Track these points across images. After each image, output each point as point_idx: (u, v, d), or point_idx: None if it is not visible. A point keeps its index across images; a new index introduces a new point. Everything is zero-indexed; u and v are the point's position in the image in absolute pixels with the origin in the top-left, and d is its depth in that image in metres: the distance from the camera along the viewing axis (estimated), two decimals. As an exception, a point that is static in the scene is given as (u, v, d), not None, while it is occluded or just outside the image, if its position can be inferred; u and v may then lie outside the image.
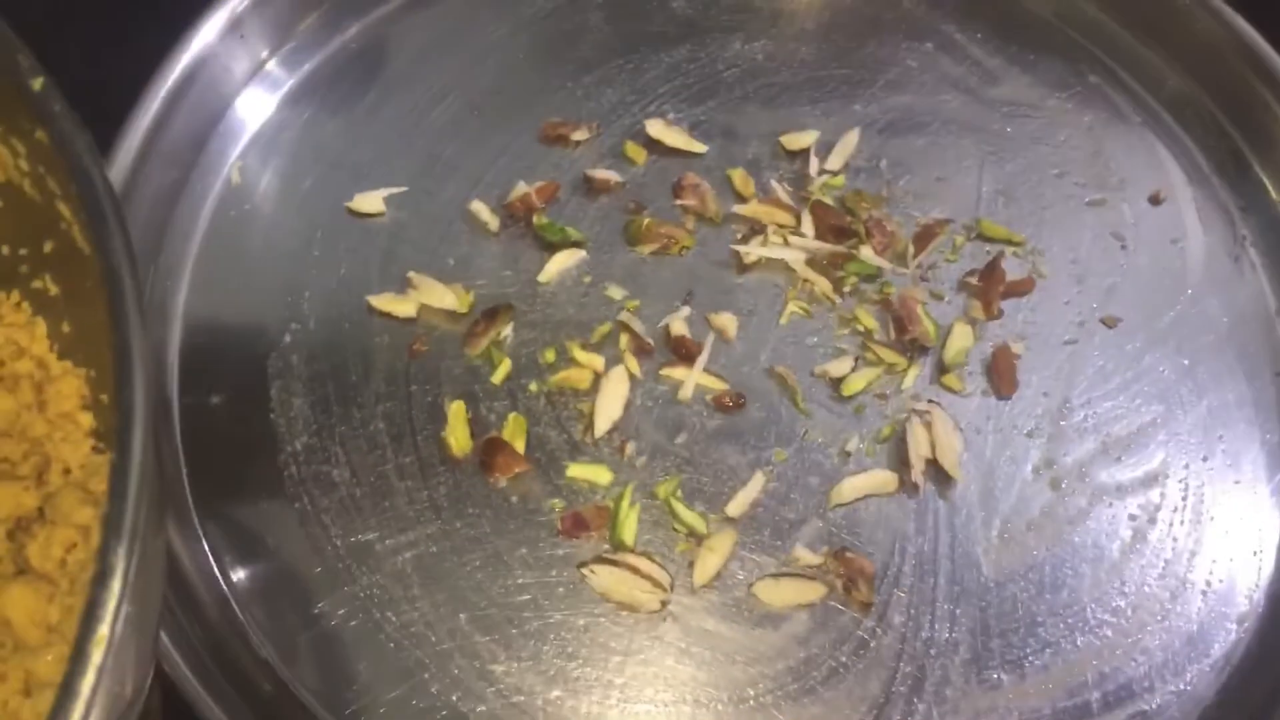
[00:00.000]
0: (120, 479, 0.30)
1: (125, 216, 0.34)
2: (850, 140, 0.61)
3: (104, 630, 0.31)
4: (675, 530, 0.51)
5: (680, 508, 0.52)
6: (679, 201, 0.59)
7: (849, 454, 0.53)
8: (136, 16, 0.60)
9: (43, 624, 0.41)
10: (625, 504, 0.51)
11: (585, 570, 0.50)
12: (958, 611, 0.50)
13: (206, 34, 0.58)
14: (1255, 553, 0.52)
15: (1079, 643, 0.50)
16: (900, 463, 0.53)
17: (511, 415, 0.53)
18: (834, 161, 0.60)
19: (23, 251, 0.43)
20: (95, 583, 0.31)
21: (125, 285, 0.32)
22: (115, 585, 0.30)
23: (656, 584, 0.50)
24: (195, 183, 0.58)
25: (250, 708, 0.46)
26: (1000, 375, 0.55)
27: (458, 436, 0.53)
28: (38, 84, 0.34)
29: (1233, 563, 0.52)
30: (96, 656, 0.30)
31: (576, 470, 0.52)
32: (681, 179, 0.59)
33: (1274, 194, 0.60)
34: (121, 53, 0.57)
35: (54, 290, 0.43)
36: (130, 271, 0.33)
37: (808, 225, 0.58)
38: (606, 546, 0.51)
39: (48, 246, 0.41)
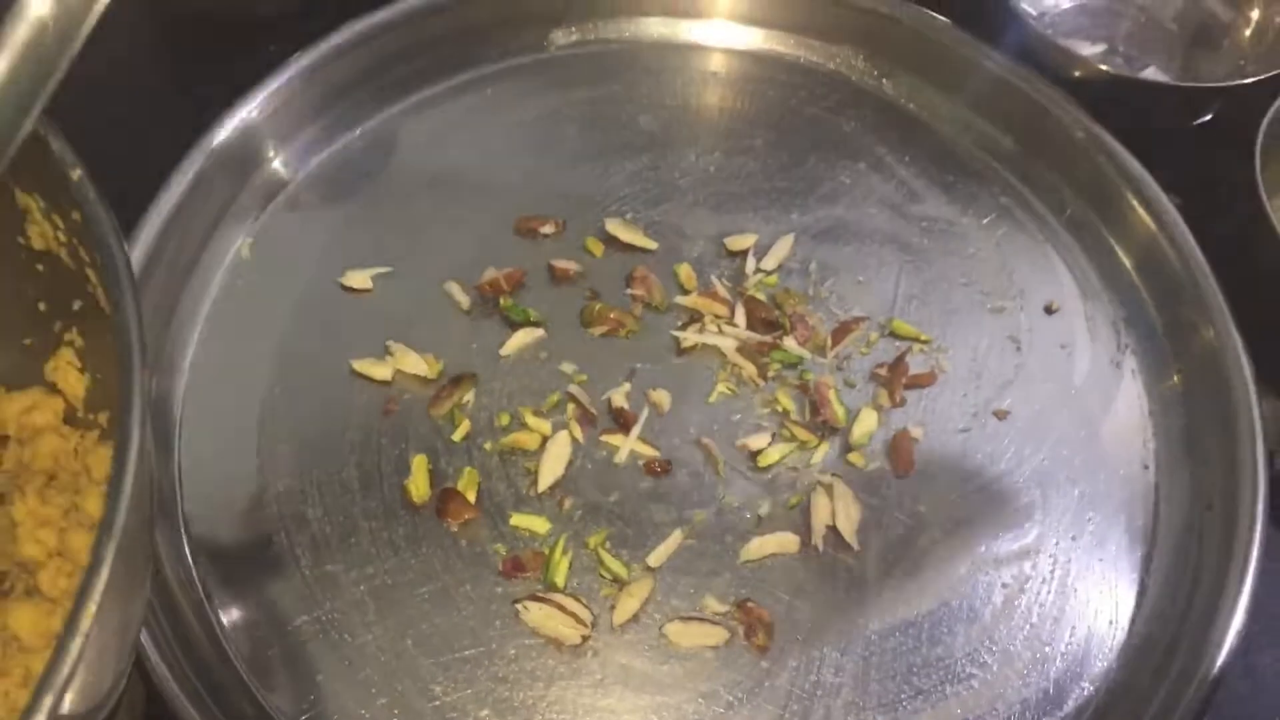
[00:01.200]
0: (117, 482, 0.38)
1: (138, 285, 0.42)
2: (785, 244, 0.69)
3: (92, 606, 0.38)
4: (601, 576, 0.59)
5: (607, 556, 0.59)
6: (629, 291, 0.67)
7: (760, 517, 0.61)
8: (170, 111, 0.70)
9: (46, 634, 0.48)
10: (559, 551, 0.59)
11: (519, 606, 0.57)
12: (843, 659, 0.57)
13: (224, 132, 0.67)
14: (1111, 622, 0.59)
15: (948, 692, 0.57)
16: (804, 527, 0.60)
17: (467, 469, 0.61)
18: (769, 262, 0.69)
19: (57, 308, 0.51)
20: (88, 571, 0.38)
21: (132, 337, 0.40)
22: (104, 573, 0.37)
23: (580, 621, 0.57)
24: (209, 255, 0.67)
25: (220, 709, 0.53)
26: (899, 456, 0.63)
27: (418, 485, 0.60)
28: (75, 175, 0.43)
29: (1091, 630, 0.59)
30: (85, 624, 0.37)
31: (519, 520, 0.60)
32: (633, 271, 0.68)
33: (1154, 311, 0.68)
34: (153, 142, 0.66)
35: (79, 343, 0.51)
36: (138, 327, 0.41)
37: (740, 317, 0.66)
38: (540, 586, 0.58)
39: (76, 305, 0.49)
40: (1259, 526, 0.58)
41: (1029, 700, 0.57)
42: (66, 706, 0.40)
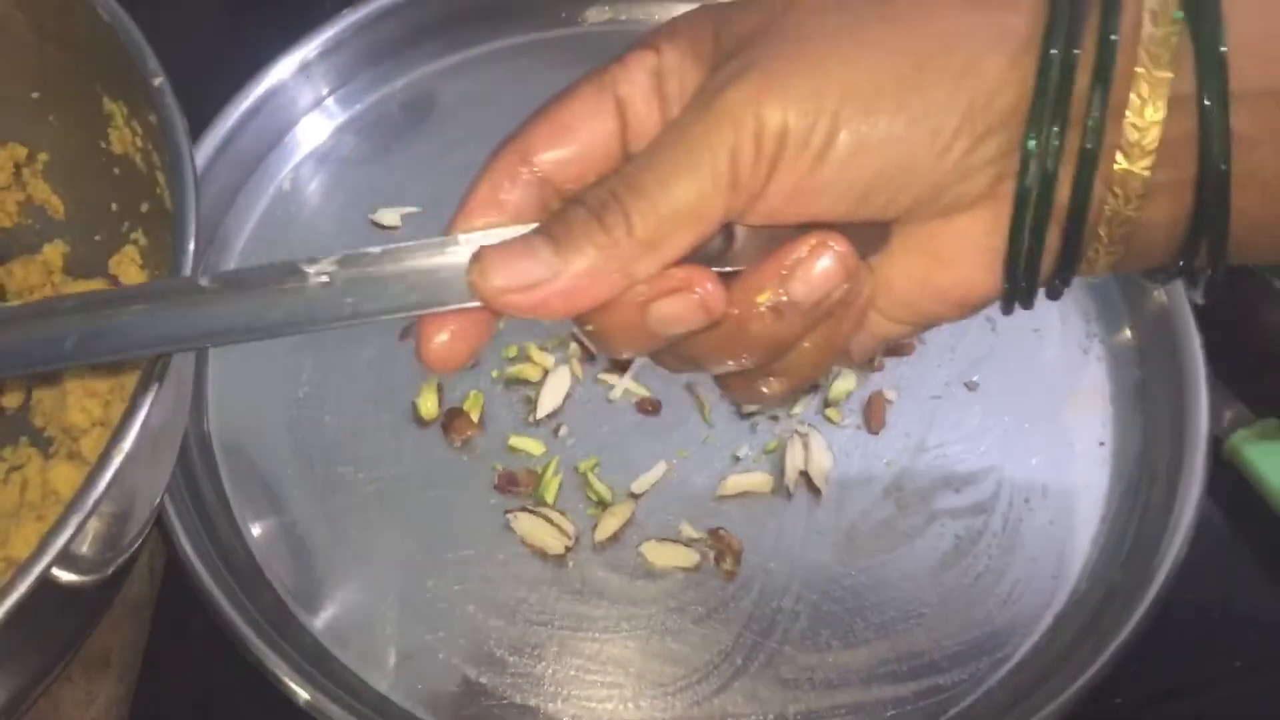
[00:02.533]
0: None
1: (199, 181, 0.47)
2: (786, 218, 0.74)
3: (126, 444, 0.43)
4: (588, 497, 0.64)
5: (594, 480, 0.64)
6: (637, 248, 0.73)
7: (738, 459, 0.66)
8: (228, 47, 0.76)
9: None
10: (551, 471, 0.64)
11: (510, 516, 0.63)
12: (804, 590, 0.62)
13: (280, 70, 0.73)
14: (1054, 577, 0.63)
15: (898, 627, 0.61)
16: (778, 470, 0.65)
17: (473, 392, 0.66)
18: (769, 233, 0.74)
19: (127, 209, 0.57)
20: (124, 416, 0.43)
21: (189, 214, 0.46)
22: (139, 420, 0.42)
23: (565, 534, 0.62)
24: (253, 186, 0.73)
25: (233, 577, 0.59)
26: (872, 415, 0.68)
27: (427, 403, 0.66)
28: (157, 81, 0.49)
29: (1033, 583, 0.63)
30: (118, 460, 0.42)
31: (517, 441, 0.65)
32: (643, 231, 0.73)
33: (1121, 303, 0.72)
34: (210, 76, 0.72)
35: (143, 242, 0.57)
36: (195, 207, 0.46)
37: (738, 279, 0.72)
38: (530, 501, 0.64)
39: (144, 207, 0.55)
40: (1195, 500, 0.62)
41: (974, 639, 0.61)
42: (85, 547, 0.45)
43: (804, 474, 0.65)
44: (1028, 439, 0.68)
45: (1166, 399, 0.68)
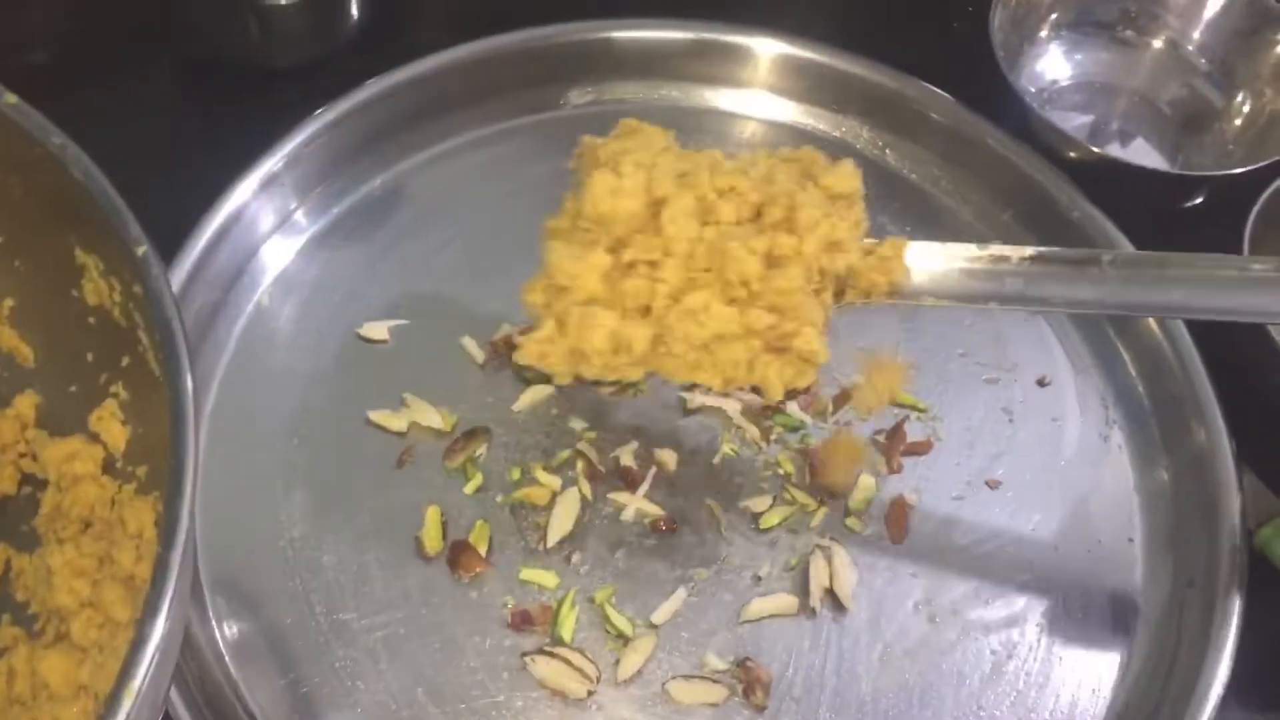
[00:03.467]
0: (163, 571, 0.40)
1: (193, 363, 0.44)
2: (789, 310, 0.72)
3: (136, 684, 0.40)
4: (607, 631, 0.61)
5: (612, 612, 0.61)
6: (638, 351, 0.69)
7: (760, 578, 0.63)
8: (190, 158, 0.72)
9: (74, 684, 0.50)
10: (567, 605, 0.61)
11: (527, 659, 0.59)
12: (837, 719, 0.59)
13: (246, 187, 0.69)
14: (1094, 690, 0.61)
15: (938, 755, 0.59)
16: (802, 589, 0.63)
17: (479, 522, 0.63)
18: (773, 327, 0.71)
19: (105, 361, 0.53)
20: (133, 646, 0.40)
21: (188, 414, 0.42)
22: (149, 649, 0.39)
23: (586, 676, 0.59)
24: (230, 305, 0.69)
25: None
26: (895, 522, 0.65)
27: (431, 536, 0.62)
28: (141, 251, 0.45)
29: (1075, 698, 0.61)
30: (127, 704, 0.39)
31: (528, 573, 0.62)
32: (642, 332, 0.70)
33: (1141, 387, 0.71)
34: (177, 196, 0.68)
35: (124, 396, 0.53)
36: (193, 412, 0.43)
37: (745, 380, 0.69)
38: (547, 640, 0.60)
39: (124, 361, 0.51)
40: (1237, 606, 0.61)
41: (1014, 764, 0.59)
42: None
43: (829, 591, 0.63)
44: (1055, 538, 0.66)
45: (1193, 493, 0.66)
